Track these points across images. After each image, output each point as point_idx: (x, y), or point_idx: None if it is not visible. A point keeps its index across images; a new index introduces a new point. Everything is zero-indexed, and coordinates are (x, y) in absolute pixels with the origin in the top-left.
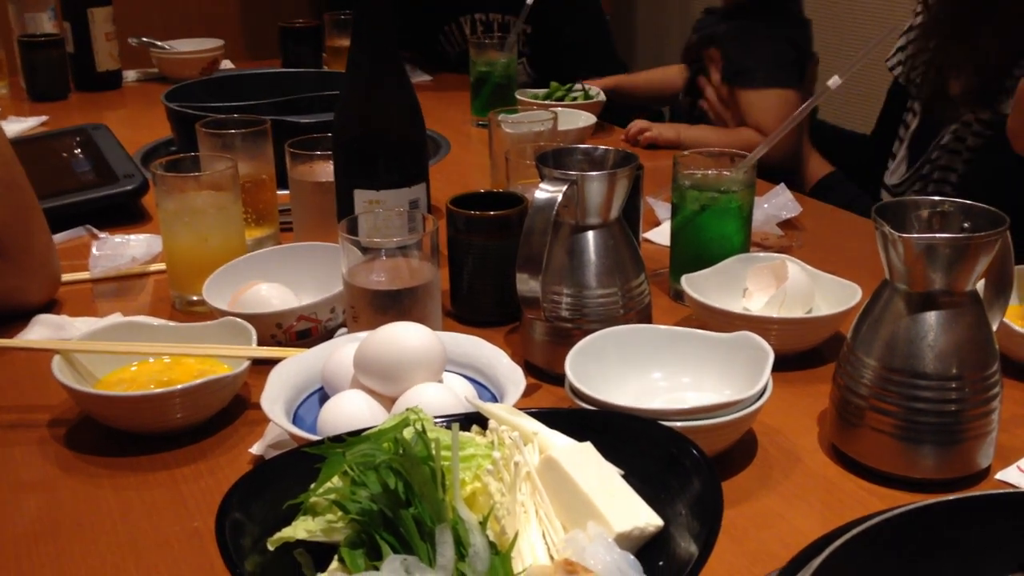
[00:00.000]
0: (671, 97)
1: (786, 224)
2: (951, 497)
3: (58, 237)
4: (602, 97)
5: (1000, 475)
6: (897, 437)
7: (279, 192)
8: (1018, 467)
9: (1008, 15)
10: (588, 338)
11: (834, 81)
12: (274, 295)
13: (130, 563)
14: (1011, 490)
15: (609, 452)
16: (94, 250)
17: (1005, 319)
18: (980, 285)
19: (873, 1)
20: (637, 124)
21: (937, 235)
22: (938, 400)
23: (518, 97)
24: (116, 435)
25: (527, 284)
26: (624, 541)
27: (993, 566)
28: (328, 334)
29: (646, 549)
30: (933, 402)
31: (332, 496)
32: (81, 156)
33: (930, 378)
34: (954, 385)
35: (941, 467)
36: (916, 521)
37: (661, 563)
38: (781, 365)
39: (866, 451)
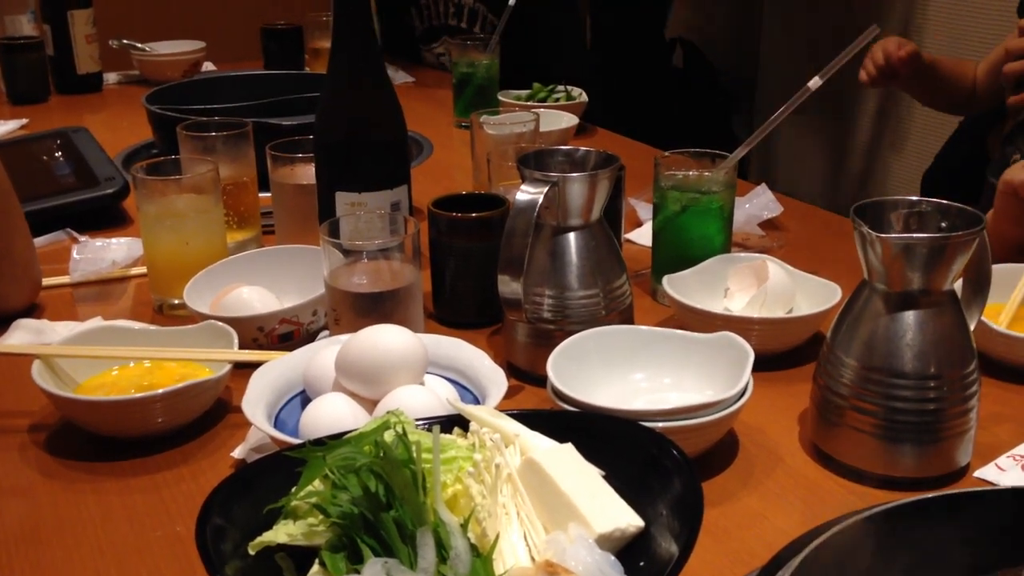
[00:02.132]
0: (962, 99)
1: (767, 224)
2: (930, 495)
3: (38, 241)
4: (584, 98)
5: (978, 473)
6: (877, 436)
7: (261, 195)
8: (996, 465)
9: None
10: (570, 339)
11: (814, 82)
12: (255, 298)
13: (111, 568)
14: (990, 488)
15: (590, 453)
16: (74, 254)
17: (983, 318)
18: (958, 284)
19: None
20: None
21: (915, 235)
22: (917, 399)
23: (500, 99)
24: (97, 440)
25: (509, 286)
26: (605, 542)
27: (973, 564)
28: (310, 337)
29: (627, 550)
30: (912, 401)
31: (313, 500)
32: (61, 159)
33: (909, 377)
34: (933, 384)
35: (920, 465)
36: (896, 519)
37: (642, 564)
38: (762, 365)
39: (846, 450)
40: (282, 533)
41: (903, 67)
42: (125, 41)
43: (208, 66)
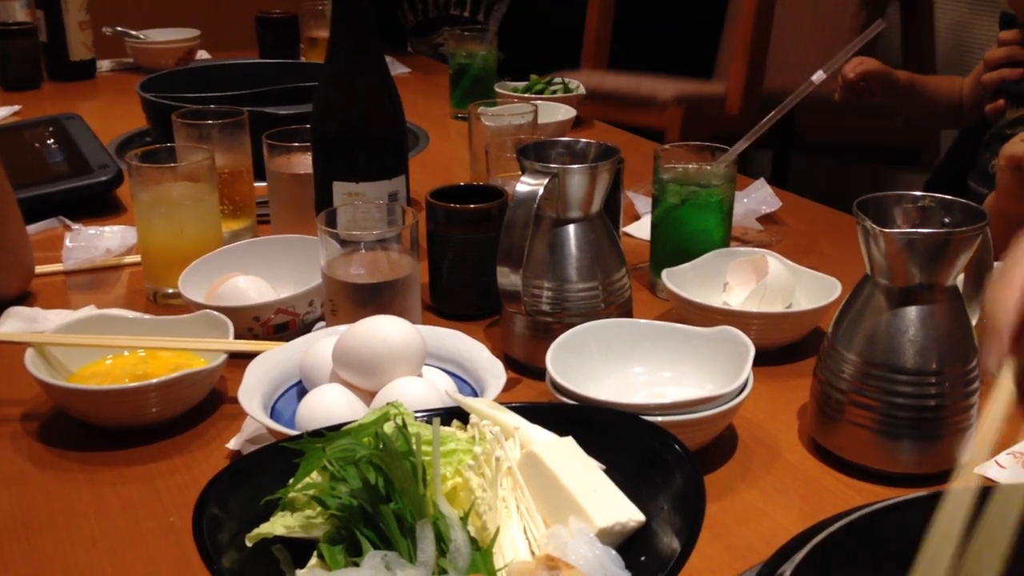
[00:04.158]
0: (948, 114)
1: (766, 219)
2: (931, 492)
3: (31, 228)
4: (582, 90)
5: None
6: (877, 432)
7: (256, 184)
8: (996, 462)
9: None
10: (569, 332)
11: (818, 76)
12: (251, 288)
13: (104, 559)
14: (989, 485)
15: (590, 447)
16: (67, 242)
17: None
18: (960, 280)
19: None
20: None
21: (919, 230)
22: (918, 395)
23: (497, 90)
24: (90, 429)
25: (508, 278)
26: (606, 536)
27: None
28: (306, 327)
29: (628, 544)
30: (913, 397)
31: (311, 491)
32: (54, 146)
33: (910, 373)
34: (934, 380)
35: (920, 462)
36: (896, 516)
37: (643, 558)
38: (761, 360)
39: (846, 446)
40: (279, 525)
41: (854, 86)
42: (119, 28)
43: (202, 54)
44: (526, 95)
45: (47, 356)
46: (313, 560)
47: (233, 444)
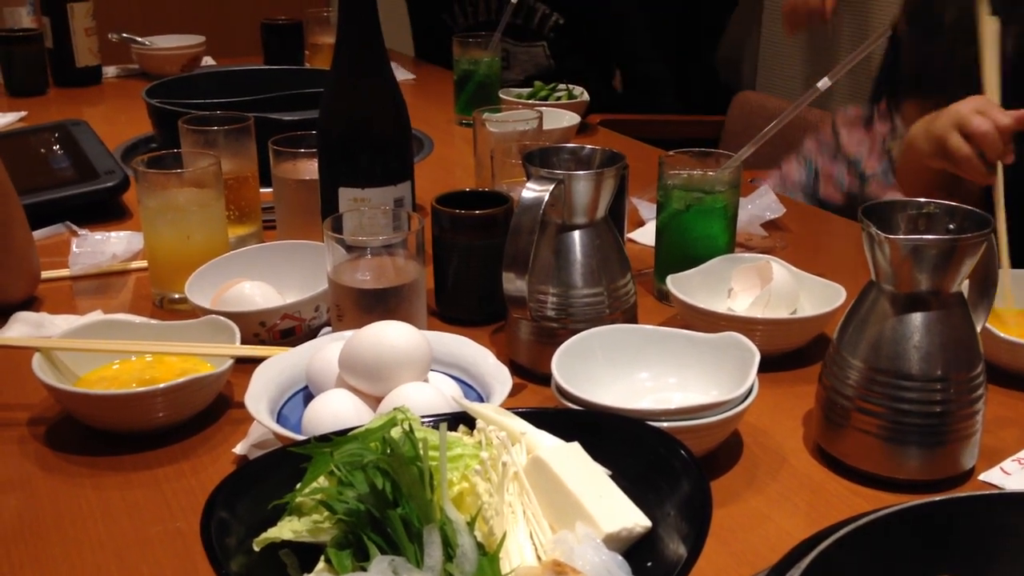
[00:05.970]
0: None
1: (770, 225)
2: (936, 498)
3: (37, 234)
4: (585, 97)
5: (983, 476)
6: (882, 438)
7: (262, 190)
8: (1001, 468)
9: None
10: (574, 338)
11: (823, 83)
12: (257, 293)
13: (111, 563)
14: (994, 491)
15: (597, 452)
16: (74, 247)
17: (987, 324)
18: (965, 286)
19: None
20: None
21: (924, 236)
22: (923, 401)
23: (502, 96)
24: (97, 434)
25: (513, 283)
26: (612, 542)
27: (980, 567)
28: (312, 333)
29: (634, 550)
30: (918, 403)
31: (319, 496)
32: (60, 152)
33: (915, 379)
34: (939, 386)
35: (926, 468)
36: (902, 522)
37: (649, 564)
38: (766, 366)
39: (851, 452)
40: (287, 529)
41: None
42: (125, 35)
43: (207, 61)
44: (530, 101)
45: (54, 361)
46: (320, 565)
47: (240, 449)
